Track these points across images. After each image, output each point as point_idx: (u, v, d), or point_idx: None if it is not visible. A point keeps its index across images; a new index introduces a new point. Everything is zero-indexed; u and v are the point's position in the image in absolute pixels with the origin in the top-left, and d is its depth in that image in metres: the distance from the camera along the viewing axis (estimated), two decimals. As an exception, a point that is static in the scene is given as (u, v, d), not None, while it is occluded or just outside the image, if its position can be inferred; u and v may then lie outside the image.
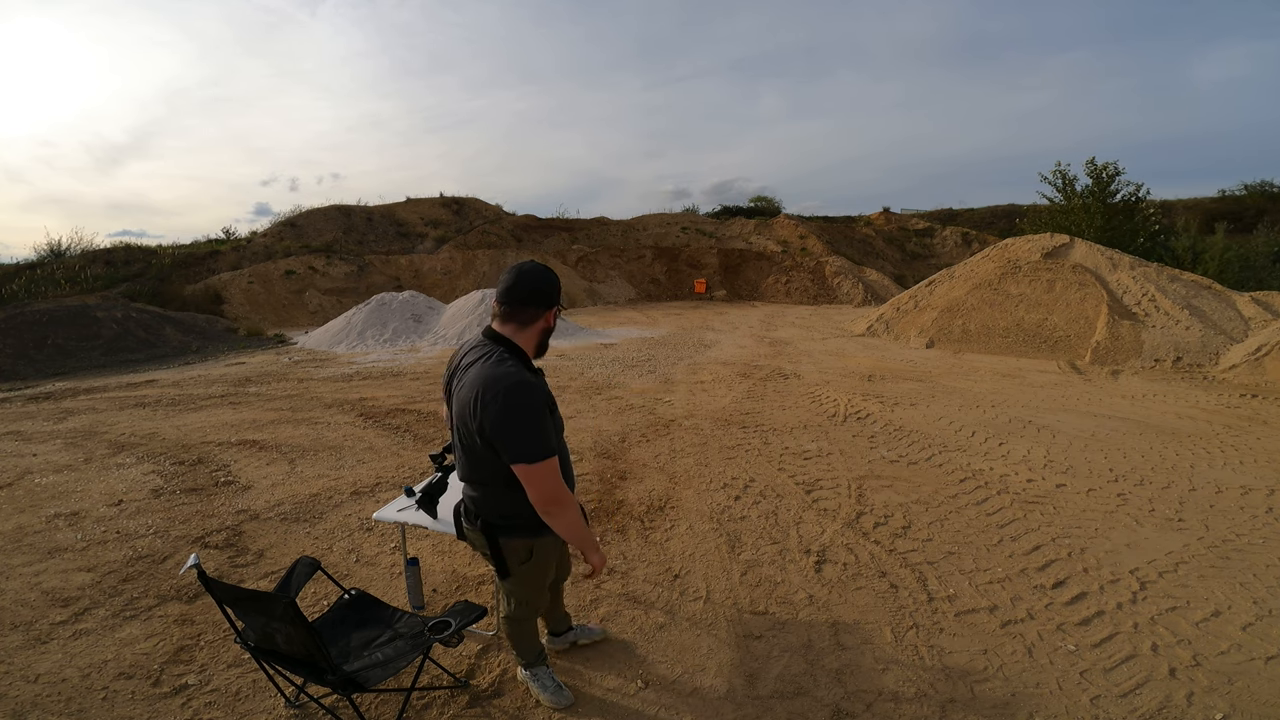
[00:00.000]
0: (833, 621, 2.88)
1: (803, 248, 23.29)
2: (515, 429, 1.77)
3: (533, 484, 1.82)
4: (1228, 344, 8.71)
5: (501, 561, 2.03)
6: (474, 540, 2.13)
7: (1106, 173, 16.77)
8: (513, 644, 2.35)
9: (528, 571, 2.09)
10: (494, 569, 2.09)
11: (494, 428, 1.78)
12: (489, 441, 1.82)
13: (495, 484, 1.93)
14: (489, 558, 2.06)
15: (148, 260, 18.15)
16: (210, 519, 4.10)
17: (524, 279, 1.91)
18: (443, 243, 22.30)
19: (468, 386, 1.85)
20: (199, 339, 13.11)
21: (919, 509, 4.07)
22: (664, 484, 4.58)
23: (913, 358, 9.95)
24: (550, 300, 1.94)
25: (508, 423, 1.77)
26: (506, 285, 1.92)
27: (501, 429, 1.78)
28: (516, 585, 2.14)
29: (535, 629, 2.36)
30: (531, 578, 2.12)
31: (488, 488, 1.96)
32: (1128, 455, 5.07)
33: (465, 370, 1.92)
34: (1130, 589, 3.10)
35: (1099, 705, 2.33)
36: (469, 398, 1.83)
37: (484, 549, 2.07)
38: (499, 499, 1.96)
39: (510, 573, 2.07)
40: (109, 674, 2.58)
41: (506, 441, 1.78)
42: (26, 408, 7.60)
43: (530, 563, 2.06)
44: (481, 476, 1.95)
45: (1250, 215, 22.88)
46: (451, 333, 12.74)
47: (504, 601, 2.26)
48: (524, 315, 1.93)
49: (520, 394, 1.78)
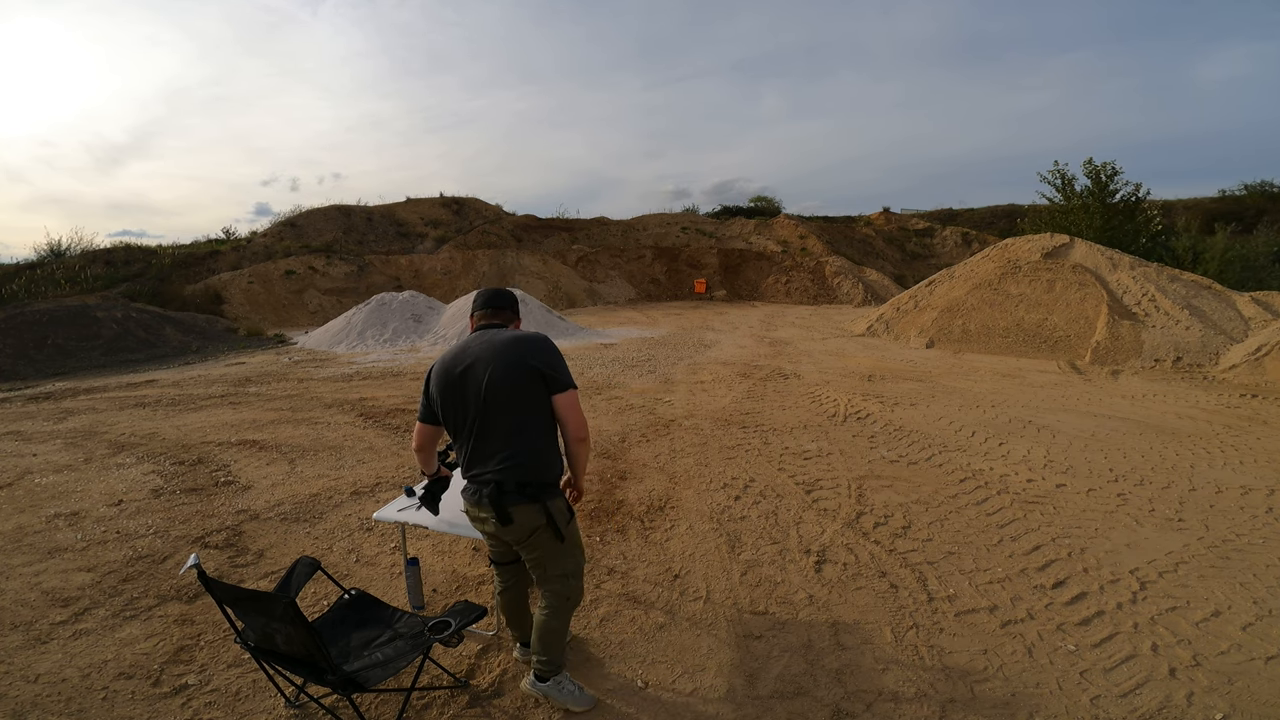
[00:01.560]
0: (833, 621, 2.88)
1: (803, 248, 23.29)
2: (560, 363, 2.18)
3: (574, 410, 2.17)
4: (1228, 344, 8.71)
5: (555, 525, 2.15)
6: (524, 518, 2.11)
7: (1105, 172, 16.77)
8: (549, 645, 2.27)
9: (573, 530, 2.26)
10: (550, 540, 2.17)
11: (547, 363, 2.13)
12: (543, 375, 2.11)
13: (541, 439, 2.15)
14: (544, 528, 2.14)
15: (148, 260, 18.16)
16: (210, 519, 4.10)
17: (498, 295, 2.36)
18: (443, 243, 22.31)
19: (505, 349, 2.12)
20: (199, 339, 13.11)
21: (919, 509, 4.07)
22: (664, 484, 4.58)
23: (913, 358, 9.95)
24: (517, 312, 2.39)
25: (556, 359, 2.17)
26: (486, 298, 2.36)
27: (553, 362, 2.15)
28: (570, 553, 2.24)
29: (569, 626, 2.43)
30: (577, 539, 2.30)
31: (539, 440, 2.14)
32: (1128, 455, 5.07)
33: (484, 347, 2.14)
34: (1130, 589, 3.10)
35: (1099, 705, 2.33)
36: (515, 354, 2.11)
37: (538, 520, 2.13)
38: (544, 456, 2.15)
39: (564, 535, 2.18)
40: (109, 674, 2.58)
41: (558, 371, 2.14)
42: (26, 408, 7.60)
43: (573, 520, 2.26)
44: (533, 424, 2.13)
45: (1250, 215, 22.89)
46: (451, 333, 12.74)
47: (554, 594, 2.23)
48: (504, 316, 2.32)
49: (552, 342, 2.22)
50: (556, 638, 2.29)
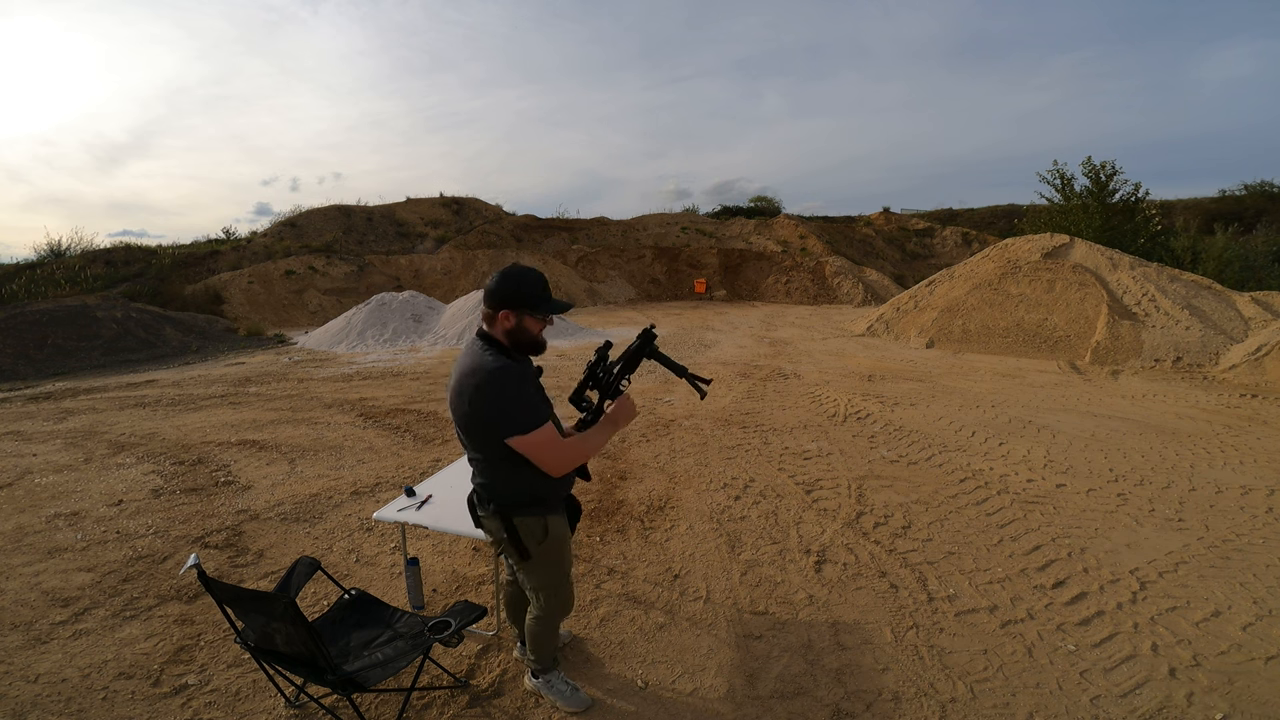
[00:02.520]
0: (833, 621, 2.88)
1: (803, 248, 23.28)
2: (502, 411, 1.87)
3: (533, 454, 1.90)
4: (1228, 344, 8.71)
5: (519, 542, 2.03)
6: (490, 527, 2.11)
7: (1104, 172, 16.74)
8: (534, 646, 2.31)
9: (547, 550, 2.08)
10: (514, 554, 2.07)
11: (484, 411, 1.87)
12: (483, 424, 1.90)
13: (501, 464, 1.97)
14: (507, 542, 2.05)
15: (148, 260, 18.14)
16: (210, 519, 4.10)
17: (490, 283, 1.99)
18: (443, 243, 22.29)
19: (451, 380, 1.99)
20: (199, 339, 13.11)
21: (919, 509, 4.07)
22: (664, 484, 4.58)
23: (913, 358, 9.95)
24: (496, 300, 1.94)
25: (497, 407, 1.86)
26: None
27: (490, 411, 1.87)
28: (540, 570, 2.12)
29: (558, 630, 2.36)
30: (552, 558, 2.12)
31: (495, 469, 1.99)
32: (1128, 455, 5.07)
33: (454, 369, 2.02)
34: (1130, 589, 3.10)
35: (1099, 705, 2.33)
36: (453, 391, 1.96)
37: (500, 533, 2.06)
38: (507, 478, 1.99)
39: (530, 554, 2.06)
40: (109, 674, 2.58)
41: (497, 421, 1.87)
42: (26, 408, 7.59)
43: (547, 541, 2.07)
44: (487, 456, 1.98)
45: (1250, 215, 22.87)
46: (451, 333, 12.74)
47: (533, 601, 2.23)
48: (488, 313, 1.99)
49: (495, 379, 1.86)
50: (540, 641, 2.29)
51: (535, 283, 1.96)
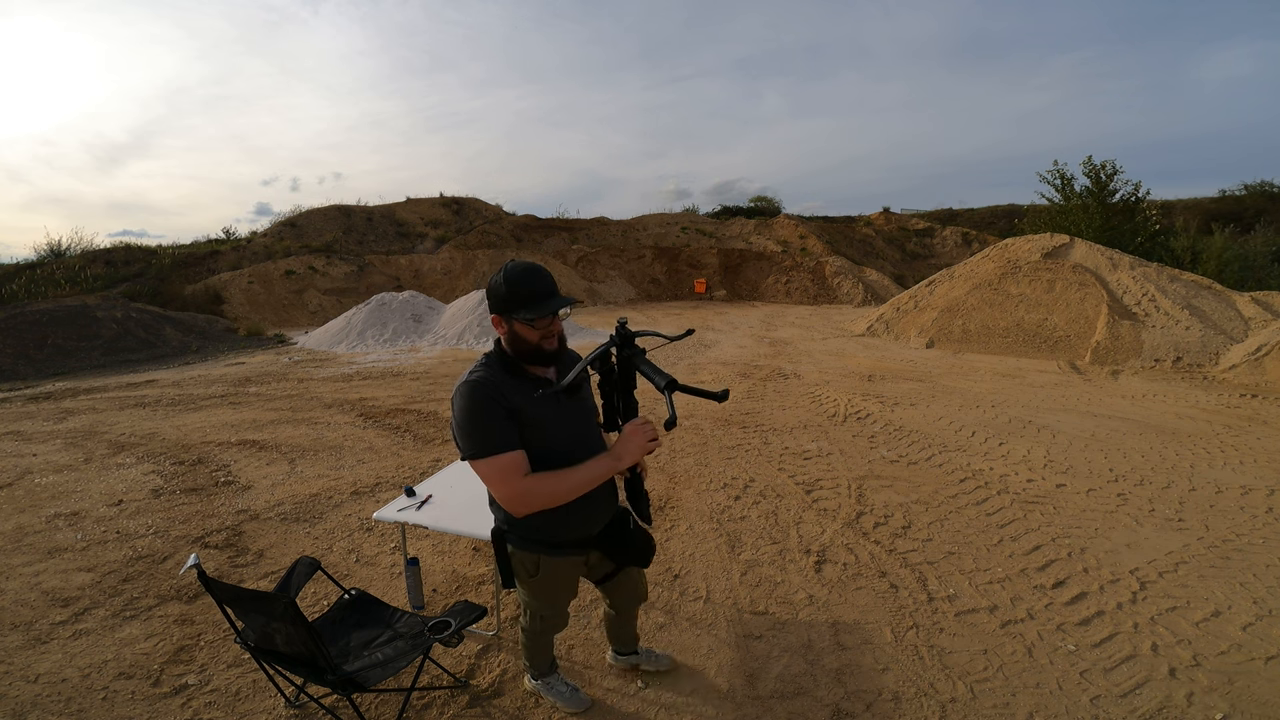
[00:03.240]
0: (833, 621, 2.88)
1: (803, 248, 23.28)
2: (460, 428, 1.72)
3: (487, 484, 1.76)
4: (1228, 344, 8.70)
5: (507, 569, 1.95)
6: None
7: (1104, 172, 16.74)
8: (525, 653, 2.31)
9: (536, 586, 1.99)
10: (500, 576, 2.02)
11: (452, 426, 1.77)
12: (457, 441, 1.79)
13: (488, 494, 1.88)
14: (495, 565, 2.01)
15: (148, 260, 18.15)
16: (210, 519, 4.10)
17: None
18: (443, 243, 22.29)
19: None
20: (199, 339, 13.11)
21: (919, 509, 4.07)
22: (664, 484, 4.58)
23: (913, 358, 9.95)
24: (490, 306, 1.78)
25: (457, 424, 1.73)
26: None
27: (453, 427, 1.76)
28: (528, 597, 2.05)
29: (551, 643, 2.32)
30: (542, 593, 2.02)
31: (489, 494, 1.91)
32: (1128, 455, 5.07)
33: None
34: (1130, 589, 3.10)
35: (1099, 705, 2.33)
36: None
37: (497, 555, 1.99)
38: (497, 505, 1.91)
39: (516, 584, 1.99)
40: (109, 674, 2.58)
41: (458, 442, 1.74)
42: (26, 408, 7.59)
43: (538, 578, 1.95)
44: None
45: (1250, 215, 22.87)
46: (451, 333, 12.73)
47: (522, 612, 2.22)
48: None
49: (462, 395, 1.71)
50: (531, 651, 2.29)
51: (519, 281, 1.71)
